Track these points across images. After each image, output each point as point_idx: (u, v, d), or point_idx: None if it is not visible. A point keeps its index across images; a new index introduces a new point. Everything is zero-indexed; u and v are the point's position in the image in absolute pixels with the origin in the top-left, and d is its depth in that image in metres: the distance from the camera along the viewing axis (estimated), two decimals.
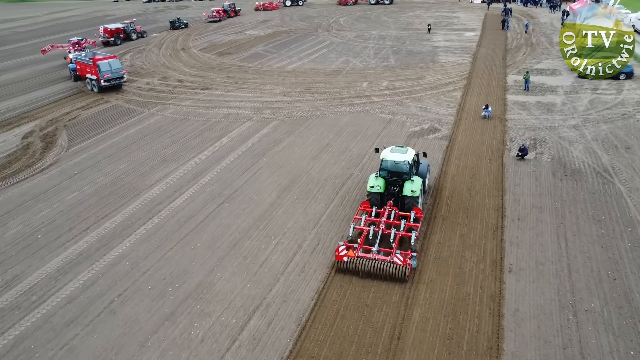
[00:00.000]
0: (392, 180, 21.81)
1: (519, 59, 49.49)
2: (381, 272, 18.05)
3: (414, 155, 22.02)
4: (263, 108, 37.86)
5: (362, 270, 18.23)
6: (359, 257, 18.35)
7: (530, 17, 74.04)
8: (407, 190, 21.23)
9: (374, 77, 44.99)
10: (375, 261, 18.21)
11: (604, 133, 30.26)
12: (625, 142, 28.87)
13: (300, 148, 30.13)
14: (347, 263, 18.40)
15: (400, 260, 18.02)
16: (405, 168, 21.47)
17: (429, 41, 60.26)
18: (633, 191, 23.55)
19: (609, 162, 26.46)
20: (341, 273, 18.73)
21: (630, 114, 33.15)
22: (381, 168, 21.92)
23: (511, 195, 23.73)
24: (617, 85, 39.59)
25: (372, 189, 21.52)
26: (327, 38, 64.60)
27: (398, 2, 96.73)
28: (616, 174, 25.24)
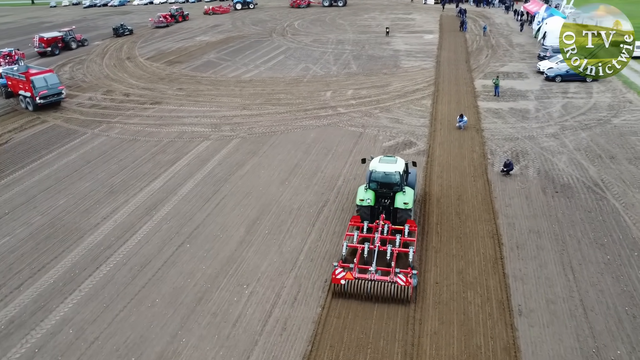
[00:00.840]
0: (382, 192, 20.38)
1: (482, 62, 48.37)
2: (382, 293, 16.85)
3: (404, 165, 20.73)
4: (221, 124, 34.59)
5: (362, 293, 16.98)
6: (357, 279, 17.09)
7: (485, 18, 73.90)
8: (400, 203, 20.00)
9: (338, 86, 42.53)
10: (375, 282, 16.96)
11: (584, 141, 28.96)
12: (609, 151, 27.62)
13: (267, 171, 27.16)
14: (344, 286, 17.09)
15: (402, 281, 16.81)
16: (396, 179, 20.08)
17: (388, 45, 58.49)
18: (629, 207, 22.05)
19: (598, 175, 25.00)
20: (338, 297, 17.24)
21: (605, 119, 32.15)
22: (370, 180, 20.42)
23: (504, 218, 21.71)
24: (585, 88, 38.88)
25: (362, 202, 20.21)
26: (283, 43, 61.71)
27: (351, 4, 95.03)
28: (607, 188, 23.75)
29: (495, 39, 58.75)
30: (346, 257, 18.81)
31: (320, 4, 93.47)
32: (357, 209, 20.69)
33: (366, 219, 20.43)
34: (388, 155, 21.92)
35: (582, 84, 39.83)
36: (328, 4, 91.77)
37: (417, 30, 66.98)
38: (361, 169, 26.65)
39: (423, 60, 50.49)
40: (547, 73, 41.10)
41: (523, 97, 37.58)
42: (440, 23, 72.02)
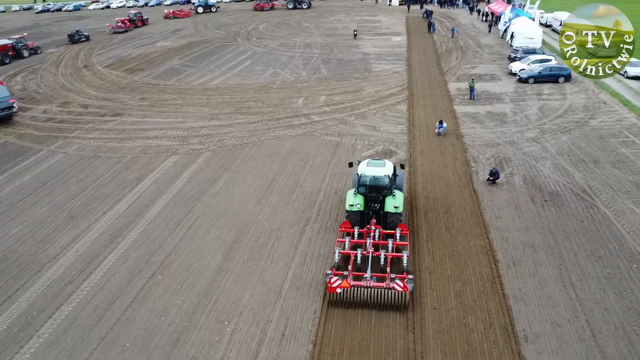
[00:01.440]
0: (371, 196, 19.89)
1: (453, 65, 47.85)
2: (379, 300, 16.47)
3: (392, 168, 20.29)
4: (189, 136, 32.55)
5: (358, 300, 16.58)
6: (353, 287, 16.63)
7: (450, 19, 73.96)
8: (390, 207, 19.66)
9: (309, 92, 41.05)
10: (371, 289, 16.55)
11: (566, 145, 28.45)
12: (591, 155, 27.15)
13: (241, 187, 25.41)
14: (340, 295, 16.60)
15: (400, 287, 16.39)
16: (386, 183, 19.70)
17: (357, 48, 57.44)
18: (620, 215, 21.44)
19: (584, 181, 24.39)
20: (334, 306, 16.75)
21: (583, 122, 31.84)
22: (360, 184, 19.88)
23: (496, 232, 20.71)
24: (559, 89, 38.74)
25: (352, 207, 19.77)
26: (248, 47, 59.80)
27: (316, 6, 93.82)
28: (596, 194, 23.14)
29: (463, 40, 58.55)
30: (339, 265, 18.16)
31: (284, 7, 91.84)
32: (346, 214, 20.21)
33: (356, 225, 19.96)
34: (376, 159, 21.53)
35: (555, 85, 39.73)
36: (292, 6, 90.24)
37: (385, 33, 66.25)
38: (342, 183, 25.31)
39: (394, 63, 49.61)
40: (520, 75, 40.82)
41: (498, 100, 37.05)
42: (407, 25, 71.59)
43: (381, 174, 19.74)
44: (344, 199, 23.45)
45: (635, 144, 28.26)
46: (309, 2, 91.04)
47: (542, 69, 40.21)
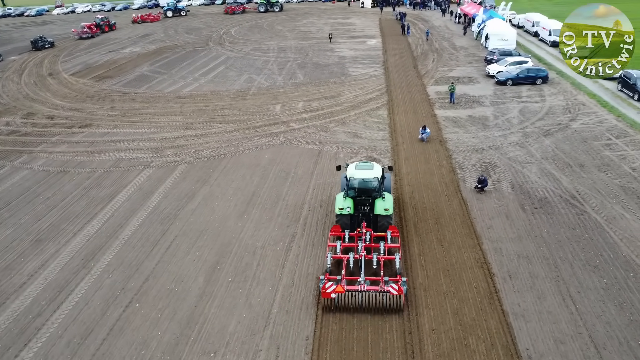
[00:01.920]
0: (361, 199, 19.90)
1: (430, 67, 47.51)
2: (374, 304, 16.39)
3: (381, 170, 20.35)
4: (163, 148, 31.08)
5: (353, 305, 16.44)
6: (348, 291, 16.47)
7: (423, 21, 73.99)
8: (380, 209, 19.63)
9: (286, 98, 39.99)
10: (366, 293, 16.44)
11: (550, 149, 28.18)
12: (576, 158, 26.93)
13: (221, 202, 24.18)
14: (335, 300, 16.43)
15: (395, 290, 16.30)
16: (375, 185, 19.77)
17: (332, 51, 56.66)
18: (611, 221, 21.11)
19: (572, 186, 24.07)
20: (328, 312, 16.53)
21: (564, 124, 31.72)
22: (349, 187, 19.87)
23: (489, 242, 20.09)
24: (537, 91, 38.71)
25: (342, 211, 19.67)
26: (221, 52, 58.33)
27: (288, 9, 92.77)
28: (585, 200, 22.80)
29: (438, 42, 58.41)
30: (331, 269, 18.09)
31: (255, 10, 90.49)
32: (336, 218, 20.07)
33: (347, 228, 19.86)
34: (364, 161, 21.58)
35: (533, 86, 39.71)
36: (264, 9, 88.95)
37: (359, 35, 65.68)
38: (326, 194, 24.40)
39: (370, 66, 48.99)
40: (498, 77, 40.66)
41: (478, 103, 36.73)
42: (381, 27, 71.25)
43: (370, 176, 19.71)
44: (329, 212, 22.60)
45: (618, 146, 28.19)
46: (281, 5, 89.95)
47: (520, 71, 40.14)
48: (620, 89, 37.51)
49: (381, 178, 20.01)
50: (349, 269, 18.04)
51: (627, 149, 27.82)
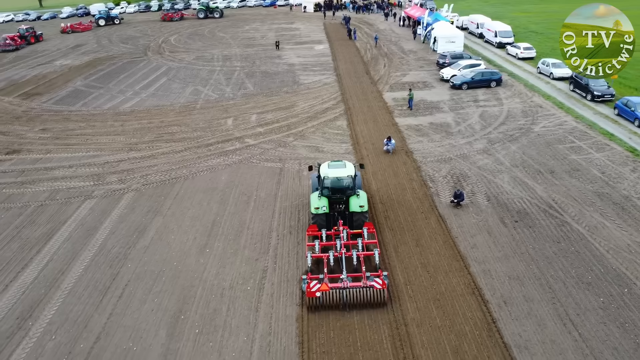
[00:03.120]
0: (336, 198, 20.10)
1: (383, 73, 46.53)
2: (358, 300, 16.54)
3: (354, 168, 20.62)
4: (105, 174, 27.90)
5: (338, 302, 16.52)
6: (333, 289, 16.52)
7: (368, 25, 73.48)
8: (355, 206, 19.90)
9: (238, 111, 37.58)
10: (350, 290, 16.55)
11: (517, 155, 27.56)
12: (545, 164, 26.40)
13: (178, 235, 21.58)
14: (320, 299, 16.42)
15: (379, 284, 16.55)
16: (350, 183, 20.07)
17: (280, 59, 54.62)
18: (594, 231, 20.44)
19: (547, 195, 23.36)
20: (314, 311, 16.49)
21: (526, 128, 31.36)
22: (323, 187, 20.04)
23: (476, 264, 18.79)
24: (492, 94, 38.46)
25: (318, 210, 19.77)
26: (162, 62, 54.83)
27: (228, 14, 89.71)
28: (563, 209, 22.09)
29: (386, 46, 57.72)
30: (312, 269, 18.09)
31: (194, 17, 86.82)
32: (312, 218, 20.20)
33: (323, 227, 19.98)
34: (336, 160, 21.72)
35: (488, 89, 39.51)
36: (203, 16, 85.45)
37: (306, 41, 64.00)
38: (294, 219, 22.47)
39: (322, 74, 47.36)
40: (454, 81, 40.15)
41: (437, 109, 35.91)
42: (327, 32, 69.98)
43: (344, 174, 20.00)
44: (301, 239, 20.62)
45: (583, 149, 27.97)
46: (221, 11, 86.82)
47: (475, 74, 39.82)
48: (572, 90, 37.86)
49: (354, 176, 20.22)
50: (329, 267, 17.97)
51: (592, 152, 27.63)
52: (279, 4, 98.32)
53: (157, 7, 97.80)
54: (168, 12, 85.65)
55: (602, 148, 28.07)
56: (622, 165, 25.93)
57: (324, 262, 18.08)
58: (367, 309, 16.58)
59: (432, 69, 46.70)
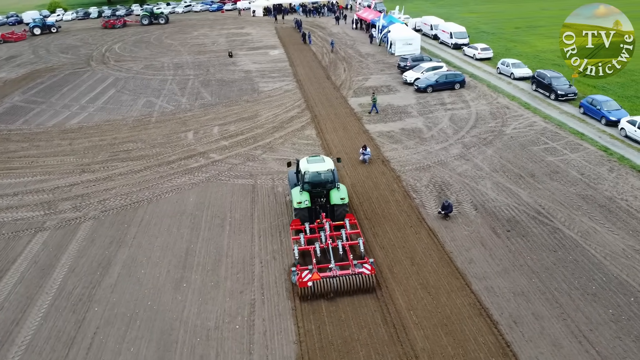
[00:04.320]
0: (316, 191, 20.81)
1: (344, 78, 45.47)
2: (348, 287, 17.00)
3: (332, 162, 21.34)
4: (56, 200, 25.10)
5: (329, 291, 16.93)
6: (324, 278, 16.97)
7: (320, 28, 72.47)
8: (337, 199, 20.62)
9: (197, 123, 35.32)
10: (342, 277, 17.05)
11: (495, 160, 27.07)
12: (524, 168, 26.03)
13: (148, 269, 19.37)
14: (311, 288, 16.88)
15: (368, 270, 17.27)
16: (330, 177, 20.77)
17: (235, 65, 52.52)
18: (587, 237, 20.02)
19: (533, 200, 22.86)
20: (306, 301, 16.89)
21: (498, 131, 31.07)
22: (304, 181, 20.58)
23: (476, 281, 17.81)
24: (458, 96, 38.16)
25: (300, 204, 20.26)
26: (108, 73, 51.40)
27: (174, 20, 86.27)
28: (552, 215, 21.61)
29: (343, 50, 56.79)
30: (300, 262, 18.41)
31: (138, 23, 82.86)
32: (295, 212, 20.60)
33: (306, 221, 20.40)
34: (314, 155, 22.60)
35: (452, 92, 39.23)
36: (148, 22, 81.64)
37: (259, 46, 62.10)
38: (276, 242, 20.84)
39: (281, 80, 45.72)
40: (418, 84, 39.58)
41: (406, 114, 35.15)
42: (279, 36, 68.33)
43: (324, 168, 20.63)
44: (286, 265, 18.96)
45: (558, 150, 27.86)
46: (167, 16, 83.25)
47: (439, 77, 39.42)
48: (535, 89, 38.11)
49: (334, 169, 20.88)
50: (317, 258, 18.28)
51: (568, 153, 27.55)
52: (226, 8, 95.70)
53: (96, 14, 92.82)
54: (109, 19, 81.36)
55: (575, 148, 28.05)
56: (599, 166, 25.90)
57: (311, 254, 18.44)
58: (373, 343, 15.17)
59: (393, 72, 46.11)
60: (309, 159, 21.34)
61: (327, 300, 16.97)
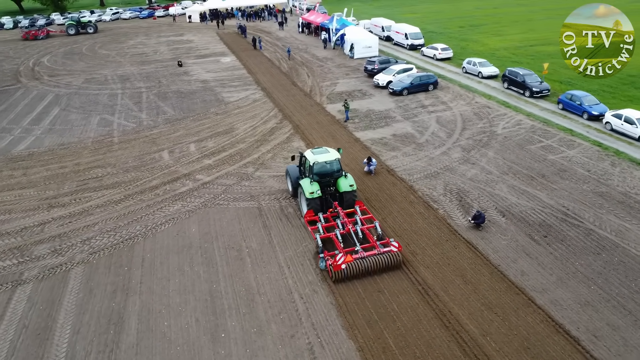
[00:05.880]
0: (325, 181, 21.58)
1: (311, 83, 43.86)
2: (378, 266, 17.75)
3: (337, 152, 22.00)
4: (28, 245, 21.41)
5: (360, 271, 17.57)
6: (356, 260, 17.60)
7: (265, 33, 70.36)
8: (345, 186, 21.42)
9: (169, 141, 32.21)
10: (372, 257, 17.76)
11: (500, 162, 26.67)
12: (531, 168, 25.81)
13: (172, 320, 16.67)
14: (344, 271, 17.40)
15: (395, 247, 18.22)
16: (338, 166, 21.71)
17: (189, 75, 49.20)
18: (621, 236, 19.90)
19: (554, 202, 22.53)
20: (339, 283, 17.44)
21: (489, 131, 30.87)
22: (313, 172, 21.29)
23: (538, 295, 16.95)
24: (435, 98, 37.82)
25: (313, 195, 20.85)
26: (45, 89, 46.19)
27: (104, 29, 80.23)
28: (579, 216, 21.38)
29: (298, 54, 55.13)
30: (323, 249, 18.83)
31: (63, 33, 76.14)
32: (307, 203, 21.03)
33: (319, 211, 21.01)
34: (317, 147, 23.09)
35: (428, 93, 38.93)
36: (74, 32, 75.20)
37: (207, 54, 58.89)
38: (309, 271, 18.71)
39: (245, 89, 43.25)
40: (393, 87, 38.80)
41: (390, 118, 34.16)
42: (225, 42, 65.36)
43: (331, 158, 21.44)
44: (332, 299, 17.04)
45: (555, 148, 27.97)
46: (95, 25, 77.14)
47: (413, 79, 38.86)
48: (507, 87, 38.54)
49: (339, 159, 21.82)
50: (341, 243, 18.85)
51: (565, 150, 27.72)
52: (158, 14, 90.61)
53: (12, 25, 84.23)
54: (30, 30, 73.98)
55: (570, 145, 28.29)
56: (600, 161, 26.19)
57: (334, 240, 19.04)
58: None
59: (360, 75, 45.14)
60: (313, 151, 21.96)
61: (396, 335, 15.25)
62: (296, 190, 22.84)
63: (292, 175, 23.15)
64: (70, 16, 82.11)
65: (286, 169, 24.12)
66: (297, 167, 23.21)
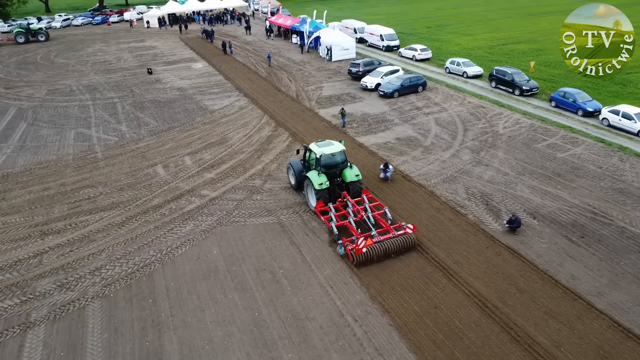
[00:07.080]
0: (332, 172, 22.20)
1: (295, 88, 42.66)
2: (395, 248, 18.59)
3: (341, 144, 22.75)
4: (28, 280, 19.13)
5: (379, 254, 18.33)
6: (376, 243, 18.36)
7: (231, 37, 68.35)
8: (352, 176, 22.17)
9: (160, 154, 30.18)
10: (389, 240, 18.59)
11: (513, 162, 26.53)
12: (545, 167, 25.80)
13: (220, 357, 15.13)
14: (365, 254, 18.11)
15: (410, 229, 19.17)
16: (343, 158, 22.50)
17: (162, 83, 46.79)
18: None
19: (579, 201, 22.50)
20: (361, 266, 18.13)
21: (492, 131, 30.80)
22: (321, 165, 21.91)
23: (595, 299, 16.63)
24: (427, 99, 37.55)
25: (322, 186, 21.47)
26: (4, 103, 42.61)
27: (56, 37, 75.44)
28: (607, 214, 21.49)
29: (274, 59, 53.57)
30: (340, 236, 19.51)
31: (11, 42, 70.99)
32: (316, 194, 21.61)
33: (328, 201, 21.74)
34: (320, 140, 23.74)
35: (418, 95, 38.66)
36: (24, 40, 70.23)
37: (176, 60, 56.38)
38: (354, 291, 17.55)
39: (227, 96, 41.50)
40: (384, 90, 38.18)
41: (388, 122, 33.53)
42: (191, 47, 62.94)
43: (337, 150, 22.24)
44: (389, 320, 16.04)
45: (561, 146, 28.16)
46: (47, 33, 72.41)
47: (403, 81, 38.42)
48: (495, 87, 38.78)
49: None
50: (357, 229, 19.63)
51: (571, 147, 27.95)
52: (113, 20, 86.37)
53: None
54: None
55: (575, 142, 28.57)
56: (609, 157, 26.52)
57: (350, 227, 19.79)
58: None
59: (343, 78, 44.34)
60: (318, 144, 22.69)
61: (468, 354, 14.39)
62: (300, 183, 23.55)
63: (295, 168, 23.65)
64: (16, 23, 76.74)
65: (289, 163, 24.65)
66: (299, 161, 23.95)
